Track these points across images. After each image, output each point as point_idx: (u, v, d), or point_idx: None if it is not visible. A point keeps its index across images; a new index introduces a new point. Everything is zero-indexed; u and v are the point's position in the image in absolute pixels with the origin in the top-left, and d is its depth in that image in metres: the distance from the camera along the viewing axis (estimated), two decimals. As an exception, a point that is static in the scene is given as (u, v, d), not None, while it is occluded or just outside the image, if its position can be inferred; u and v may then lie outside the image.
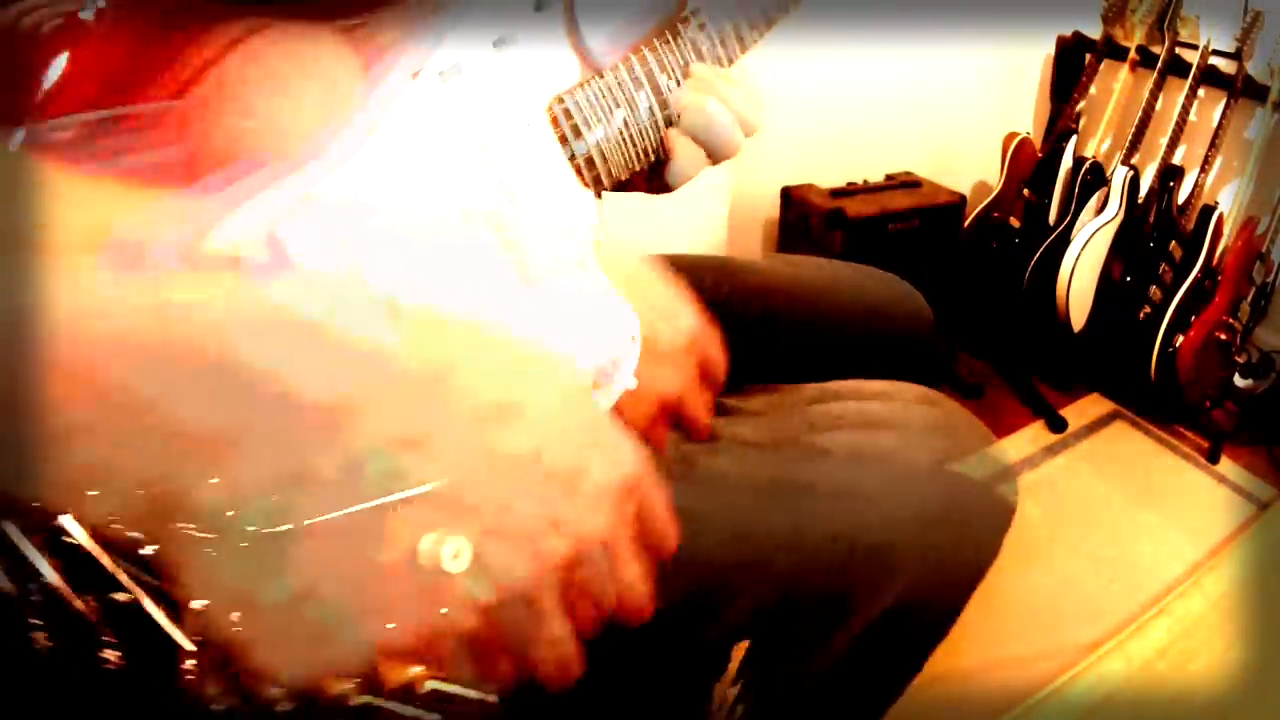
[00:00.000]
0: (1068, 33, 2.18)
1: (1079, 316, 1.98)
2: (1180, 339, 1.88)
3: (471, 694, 0.55)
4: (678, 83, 0.66)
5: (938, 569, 0.59)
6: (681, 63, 0.66)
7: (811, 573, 0.57)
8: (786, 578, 0.57)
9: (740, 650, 0.68)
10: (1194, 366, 1.87)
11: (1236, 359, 1.88)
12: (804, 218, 1.88)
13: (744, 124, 0.65)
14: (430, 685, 0.53)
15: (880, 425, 0.66)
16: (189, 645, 0.43)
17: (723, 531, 0.57)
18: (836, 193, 1.90)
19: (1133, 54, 2.00)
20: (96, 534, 0.39)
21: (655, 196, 0.75)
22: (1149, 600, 1.51)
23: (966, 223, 2.09)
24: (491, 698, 0.54)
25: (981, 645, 1.37)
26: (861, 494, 0.59)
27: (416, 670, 0.54)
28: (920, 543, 0.58)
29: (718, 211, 1.97)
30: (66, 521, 0.39)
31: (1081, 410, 2.03)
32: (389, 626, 0.34)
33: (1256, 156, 1.89)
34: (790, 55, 1.77)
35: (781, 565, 0.57)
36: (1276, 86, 1.82)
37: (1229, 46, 1.85)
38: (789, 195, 1.91)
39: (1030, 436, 1.94)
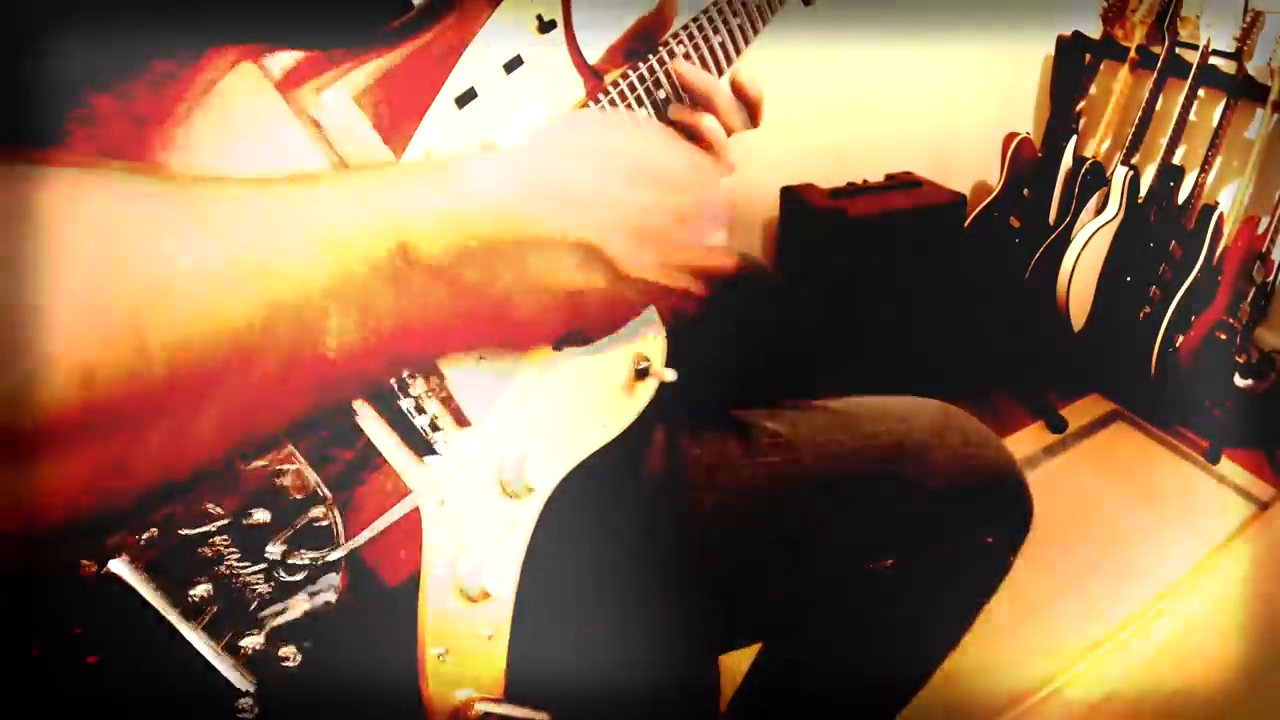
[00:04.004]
0: (1068, 33, 2.18)
1: (1079, 316, 1.98)
2: (1180, 339, 1.88)
3: (522, 714, 0.55)
4: (669, 93, 0.66)
5: (960, 460, 0.76)
6: (675, 76, 0.65)
7: (881, 470, 0.75)
8: (863, 475, 0.75)
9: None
10: (1194, 366, 1.87)
11: (1236, 359, 1.88)
12: (804, 218, 1.88)
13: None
14: (481, 708, 0.54)
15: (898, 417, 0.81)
16: (245, 685, 0.44)
17: (813, 449, 0.76)
18: (836, 193, 1.90)
19: (1133, 54, 2.00)
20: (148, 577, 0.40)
21: None
22: (1149, 600, 1.51)
23: (966, 223, 2.09)
24: (542, 716, 0.55)
25: (982, 645, 1.37)
26: (895, 418, 0.79)
27: (467, 694, 0.55)
28: (942, 442, 0.77)
29: (718, 211, 1.97)
30: (117, 566, 0.40)
31: (1081, 410, 2.03)
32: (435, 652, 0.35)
33: (1256, 156, 1.88)
34: (791, 55, 1.77)
35: (858, 467, 0.75)
36: (1276, 86, 1.82)
37: (1229, 46, 1.85)
38: (789, 195, 1.91)
39: (1030, 436, 1.94)
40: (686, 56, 0.66)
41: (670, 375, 0.66)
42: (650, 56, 0.64)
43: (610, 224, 0.44)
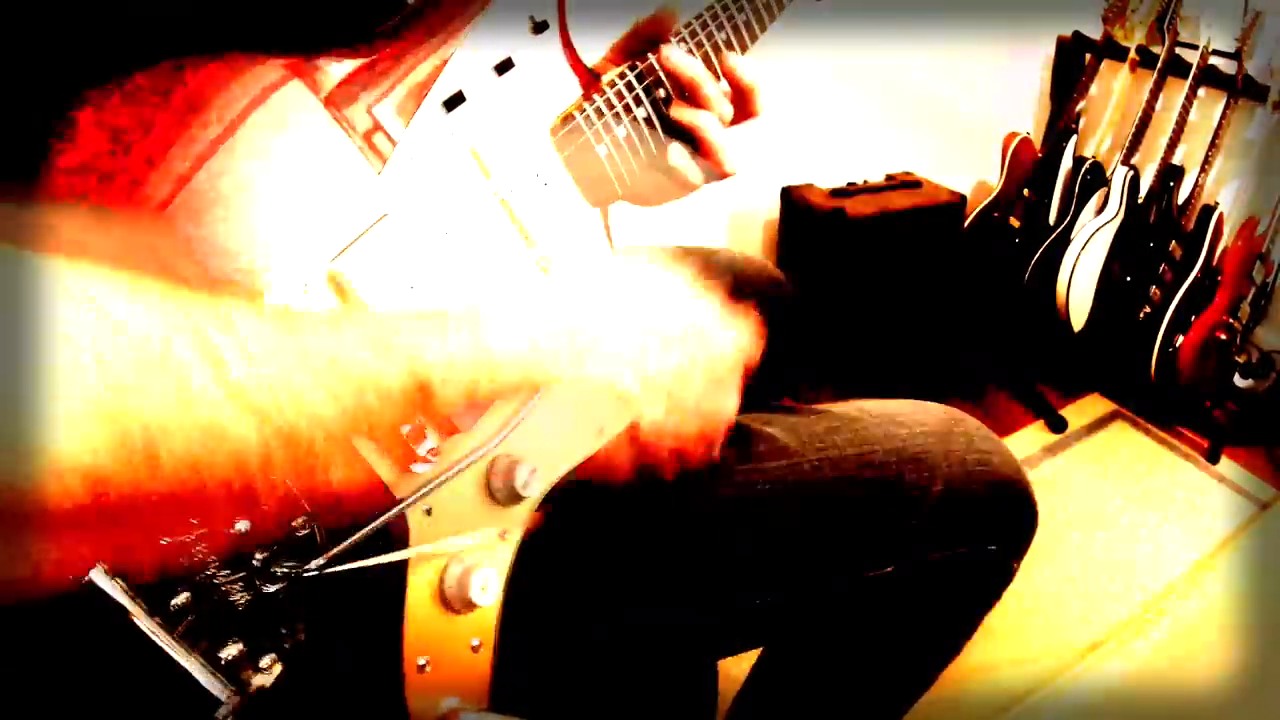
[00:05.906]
0: (1068, 33, 2.18)
1: (1079, 316, 1.98)
2: (1180, 339, 1.88)
3: None
4: (669, 92, 0.65)
5: (963, 467, 0.74)
6: (660, 61, 0.64)
7: (882, 476, 0.73)
8: (864, 481, 0.73)
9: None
10: (1194, 366, 1.87)
11: (1236, 359, 1.88)
12: (804, 218, 1.88)
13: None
14: (465, 718, 0.53)
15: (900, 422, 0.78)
16: (222, 695, 0.43)
17: (812, 455, 0.73)
18: (836, 193, 1.90)
19: (1133, 54, 2.00)
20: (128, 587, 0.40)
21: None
22: (1149, 600, 1.51)
23: (966, 223, 2.09)
24: None
25: (981, 645, 1.36)
26: (898, 423, 0.76)
27: (451, 703, 0.54)
28: (946, 448, 0.74)
29: (718, 212, 1.97)
30: (97, 575, 0.40)
31: (1081, 410, 2.03)
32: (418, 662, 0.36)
33: (1257, 156, 1.88)
34: (791, 55, 1.77)
35: (859, 472, 0.73)
36: (1276, 86, 1.82)
37: (1229, 46, 1.85)
38: (789, 195, 1.91)
39: (1030, 436, 1.94)
40: (690, 54, 0.64)
41: None
42: (650, 55, 0.63)
43: (630, 380, 0.45)
